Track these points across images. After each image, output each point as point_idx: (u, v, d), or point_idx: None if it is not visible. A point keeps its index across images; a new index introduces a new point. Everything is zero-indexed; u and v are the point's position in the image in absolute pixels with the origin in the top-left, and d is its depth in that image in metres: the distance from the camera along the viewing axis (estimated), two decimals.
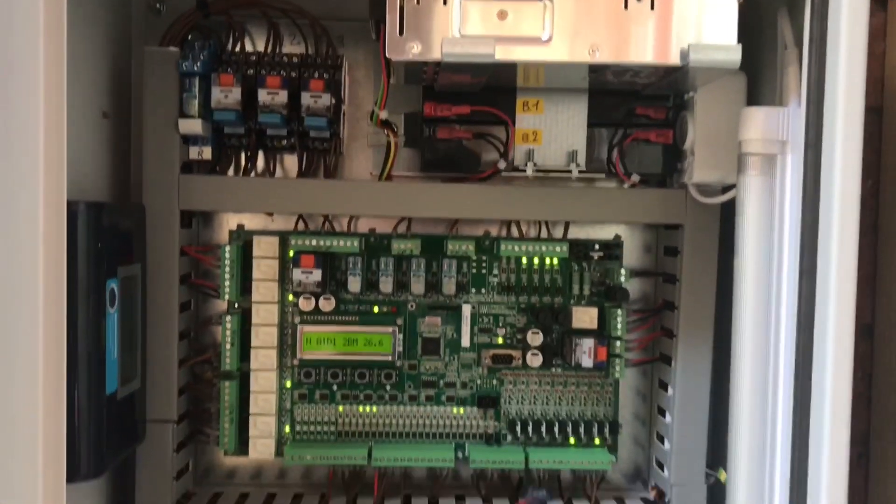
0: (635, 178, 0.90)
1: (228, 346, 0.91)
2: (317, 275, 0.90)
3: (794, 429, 0.73)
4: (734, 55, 0.72)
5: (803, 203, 0.70)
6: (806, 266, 0.70)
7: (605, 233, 0.98)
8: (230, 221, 0.97)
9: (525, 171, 0.89)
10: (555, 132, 0.90)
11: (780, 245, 0.76)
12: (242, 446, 0.93)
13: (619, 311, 0.92)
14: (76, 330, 0.71)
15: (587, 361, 0.92)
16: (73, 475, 0.71)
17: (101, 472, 0.76)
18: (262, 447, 0.93)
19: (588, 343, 0.92)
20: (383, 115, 0.87)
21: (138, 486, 0.88)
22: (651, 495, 0.97)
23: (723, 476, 0.90)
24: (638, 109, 0.90)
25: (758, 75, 0.85)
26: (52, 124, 0.64)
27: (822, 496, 0.71)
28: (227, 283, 0.90)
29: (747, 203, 0.77)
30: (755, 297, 0.77)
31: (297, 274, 0.90)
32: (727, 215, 0.87)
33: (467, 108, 0.88)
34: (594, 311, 0.94)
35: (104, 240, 0.74)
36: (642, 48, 0.73)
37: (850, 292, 0.70)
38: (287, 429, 0.95)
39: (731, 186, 0.83)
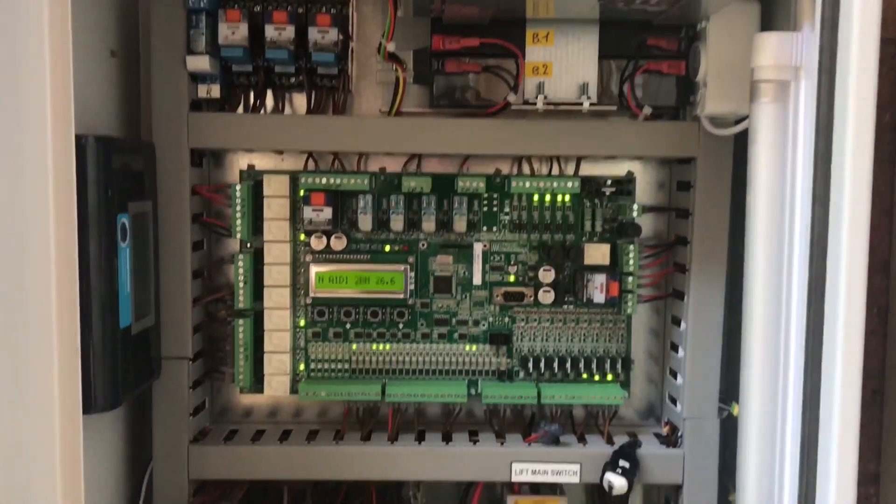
0: (647, 110, 0.89)
1: (241, 285, 0.92)
2: (327, 213, 0.90)
3: (807, 362, 0.73)
4: None
5: (817, 129, 0.69)
6: (819, 193, 0.70)
7: (618, 169, 0.97)
8: (240, 162, 0.97)
9: (535, 104, 0.88)
10: (565, 65, 0.89)
11: (794, 172, 0.75)
12: (258, 384, 0.94)
13: (632, 247, 0.92)
14: (88, 263, 0.71)
15: (599, 297, 0.92)
16: (88, 407, 0.72)
17: (117, 404, 0.77)
18: (277, 384, 0.94)
19: (600, 279, 0.91)
20: (391, 47, 0.86)
21: (155, 421, 0.89)
22: (664, 431, 0.98)
23: (735, 410, 0.90)
24: (650, 40, 0.89)
25: (771, 2, 0.83)
26: (57, 57, 0.64)
27: (835, 430, 0.71)
28: (238, 222, 0.90)
29: (760, 130, 0.76)
30: (768, 225, 0.76)
31: (307, 212, 0.90)
32: (740, 148, 0.86)
33: (476, 41, 0.87)
34: (606, 248, 0.93)
35: (114, 174, 0.74)
36: None
37: (863, 219, 0.69)
38: (301, 367, 0.96)
39: (745, 118, 0.82)
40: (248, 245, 0.94)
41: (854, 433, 0.71)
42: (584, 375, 0.96)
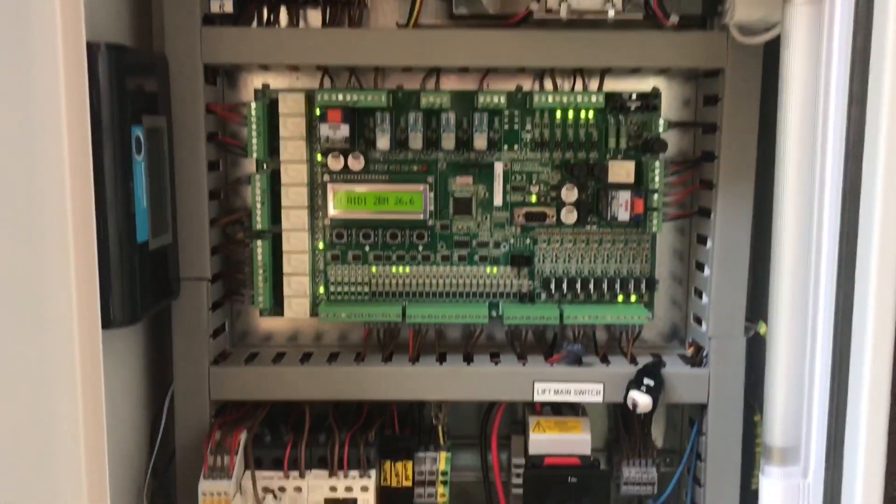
0: (674, 18, 0.86)
1: (259, 206, 0.90)
2: (344, 130, 0.88)
3: (839, 276, 0.71)
4: None
5: (854, 24, 0.66)
6: (856, 92, 0.67)
7: (643, 86, 0.95)
8: (255, 81, 0.95)
9: (559, 13, 0.84)
10: None
11: (828, 76, 0.71)
12: (277, 307, 0.94)
13: (657, 163, 0.89)
14: (103, 174, 0.70)
15: (623, 215, 0.90)
16: (107, 322, 0.72)
17: (135, 319, 0.77)
18: (296, 306, 0.93)
19: (625, 196, 0.89)
20: None
21: (175, 342, 0.89)
22: (688, 352, 0.96)
23: (763, 329, 0.88)
24: None
25: None
26: None
27: (867, 348, 0.69)
28: (254, 140, 0.89)
29: (794, 33, 0.73)
30: (800, 130, 0.73)
31: (324, 129, 0.88)
32: (770, 58, 0.83)
33: None
34: (631, 165, 0.91)
35: (127, 84, 0.72)
36: None
37: None
38: (321, 289, 0.95)
39: (775, 25, 0.79)
40: (265, 166, 0.92)
41: (888, 346, 0.69)
42: (607, 297, 0.95)
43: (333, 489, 0.86)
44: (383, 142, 0.90)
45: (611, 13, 0.85)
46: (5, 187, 0.60)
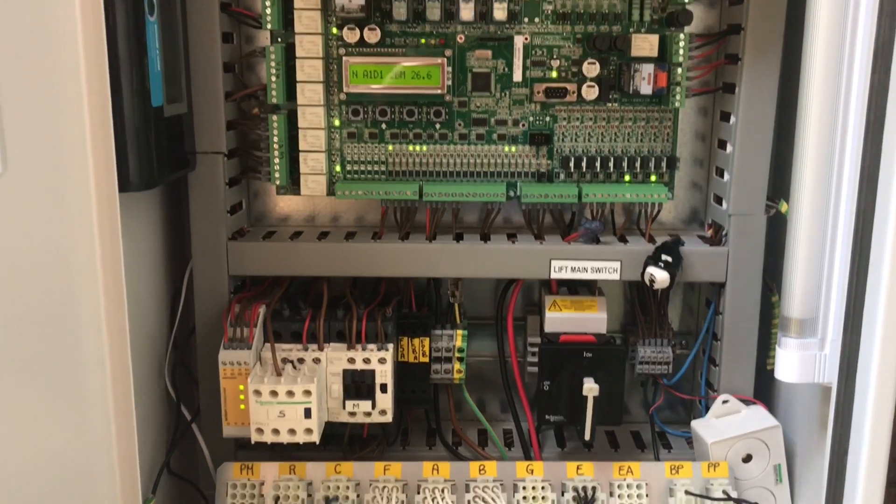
0: None
1: (274, 79, 0.89)
2: None
3: (864, 155, 0.69)
4: None
5: None
6: None
7: None
8: None
9: None
10: None
11: None
12: (294, 185, 0.93)
13: (682, 36, 0.87)
14: (116, 33, 0.69)
15: (646, 88, 0.87)
16: (124, 184, 0.71)
17: (152, 184, 0.76)
18: (313, 184, 0.92)
19: (648, 69, 0.87)
20: None
21: (192, 215, 0.89)
22: (708, 233, 0.96)
23: (784, 208, 0.87)
24: None
25: None
26: None
27: (891, 222, 0.68)
28: (268, 10, 0.87)
29: None
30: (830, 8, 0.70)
31: None
32: None
33: None
34: (654, 38, 0.89)
35: None
36: None
37: None
38: (338, 168, 0.94)
39: None
40: (279, 39, 0.90)
41: None
42: (627, 176, 0.93)
43: (352, 361, 0.87)
44: (400, 12, 0.87)
45: None
46: (19, 45, 0.59)
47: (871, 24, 0.68)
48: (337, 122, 0.93)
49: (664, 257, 0.87)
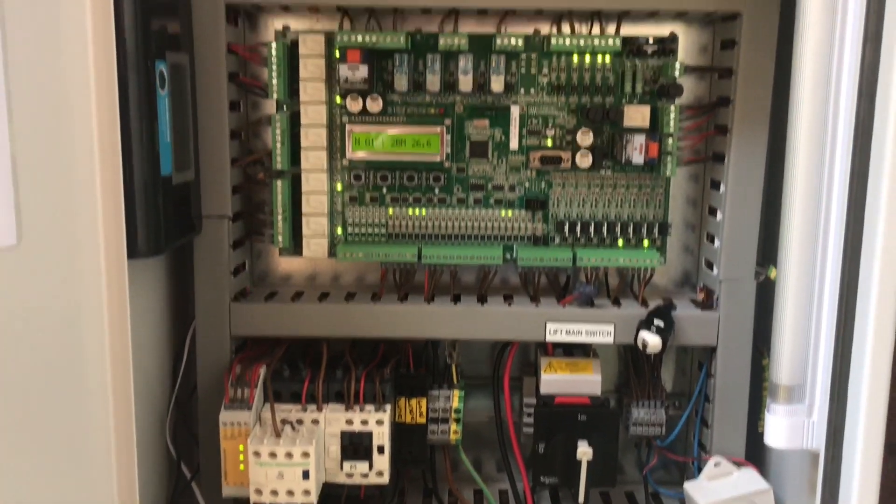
0: None
1: (279, 146, 0.92)
2: (363, 70, 0.89)
3: (848, 221, 0.72)
4: None
5: None
6: (871, 31, 0.67)
7: (660, 31, 0.95)
8: (275, 22, 0.96)
9: None
10: None
11: (844, 14, 0.72)
12: (296, 247, 0.95)
13: (673, 108, 0.90)
14: (128, 106, 0.72)
15: (638, 158, 0.90)
16: (132, 251, 0.74)
17: (160, 251, 0.79)
18: (315, 246, 0.95)
19: (640, 139, 0.90)
20: None
21: (197, 278, 0.92)
22: (699, 297, 0.98)
23: (773, 273, 0.89)
24: None
25: None
26: None
27: (874, 286, 0.71)
28: (274, 80, 0.90)
29: None
30: (815, 71, 0.74)
31: (343, 70, 0.89)
32: (787, 3, 0.83)
33: None
34: (646, 110, 0.92)
35: (151, 19, 0.74)
36: None
37: None
38: (339, 230, 0.97)
39: None
40: (285, 107, 0.94)
41: (893, 287, 0.71)
42: (621, 241, 0.96)
43: (349, 422, 0.89)
44: (401, 83, 0.91)
45: None
46: (35, 118, 0.61)
47: (852, 103, 0.71)
48: (339, 187, 0.96)
49: (656, 322, 0.89)
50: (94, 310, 0.67)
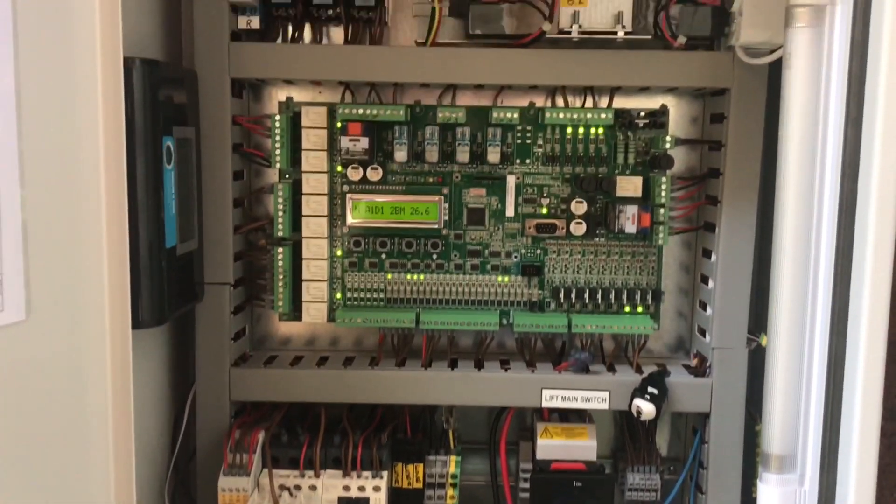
0: (682, 40, 0.89)
1: (280, 214, 0.94)
2: (364, 143, 0.92)
3: (835, 289, 0.74)
4: None
5: (851, 52, 0.70)
6: (852, 114, 0.70)
7: (651, 103, 0.98)
8: (278, 95, 0.99)
9: (570, 33, 0.88)
10: None
11: (827, 96, 0.74)
12: (296, 312, 0.97)
13: (664, 179, 0.92)
14: (136, 182, 0.74)
15: (630, 228, 0.93)
16: (136, 322, 0.76)
17: (163, 321, 0.80)
18: (314, 311, 0.97)
19: (632, 210, 0.93)
20: None
21: (198, 344, 0.93)
22: (693, 363, 0.99)
23: (765, 341, 0.91)
24: None
25: None
26: None
27: (860, 362, 0.72)
28: (277, 151, 0.93)
29: (795, 55, 0.76)
30: (801, 149, 0.76)
31: (344, 142, 0.92)
32: (774, 79, 0.86)
33: None
34: (638, 180, 0.94)
35: (159, 96, 0.76)
36: None
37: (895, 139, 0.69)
38: (338, 295, 0.99)
39: (779, 48, 0.82)
40: (287, 176, 0.96)
41: (880, 361, 0.72)
42: (615, 307, 0.98)
43: (347, 489, 0.90)
44: (401, 154, 0.94)
45: (620, 34, 0.89)
46: (45, 192, 0.63)
47: (836, 182, 0.73)
48: (339, 252, 0.98)
49: (650, 389, 0.91)
50: (97, 382, 0.69)
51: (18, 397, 0.63)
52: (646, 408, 0.90)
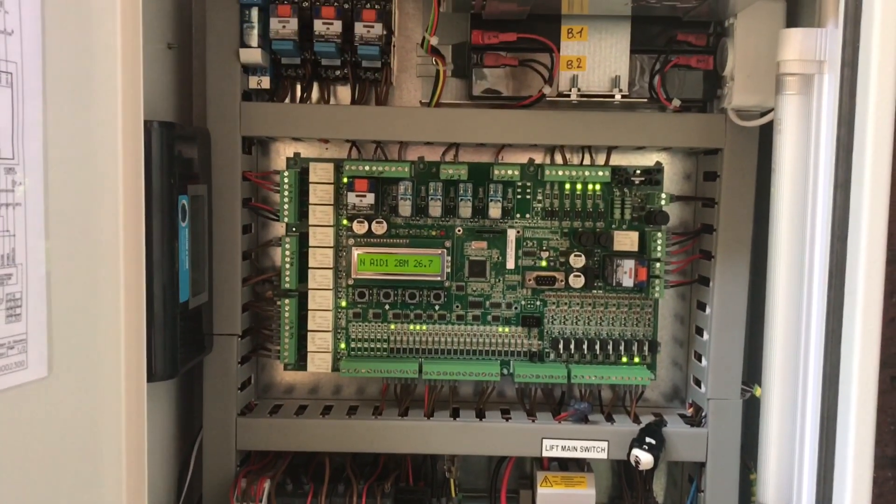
0: (676, 102, 0.93)
1: (288, 266, 0.97)
2: (370, 198, 0.95)
3: (826, 346, 0.77)
4: None
5: (839, 120, 0.73)
6: (840, 181, 0.73)
7: (647, 160, 1.02)
8: (287, 150, 1.02)
9: (569, 96, 0.92)
10: (598, 58, 0.93)
11: (816, 161, 0.78)
12: (301, 362, 0.99)
13: (659, 234, 0.96)
14: (152, 240, 0.77)
15: (628, 281, 0.96)
16: (150, 375, 0.77)
17: (175, 374, 0.82)
18: (319, 361, 0.99)
19: (629, 264, 0.96)
20: (434, 40, 0.91)
21: (206, 394, 0.95)
22: (688, 412, 1.02)
23: (758, 392, 0.94)
24: (679, 36, 0.93)
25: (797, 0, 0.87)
26: (128, 49, 0.69)
27: (852, 413, 0.75)
28: (286, 206, 0.96)
29: (785, 121, 0.80)
30: (791, 211, 0.80)
31: (351, 198, 0.95)
32: (765, 140, 0.90)
33: (514, 36, 0.91)
34: (635, 235, 0.98)
35: (176, 158, 0.79)
36: None
37: (882, 207, 0.72)
38: (343, 345, 1.01)
39: (770, 110, 0.86)
40: (294, 229, 0.99)
41: (871, 415, 0.75)
42: (612, 358, 1.00)
43: None
44: (405, 209, 0.97)
45: (617, 96, 0.93)
46: (67, 250, 0.65)
47: (826, 243, 0.76)
48: (343, 303, 1.01)
49: (648, 440, 0.93)
50: (112, 435, 0.70)
51: (38, 451, 0.65)
52: (644, 458, 0.92)
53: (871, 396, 0.75)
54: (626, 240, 0.98)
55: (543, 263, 1.00)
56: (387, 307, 1.01)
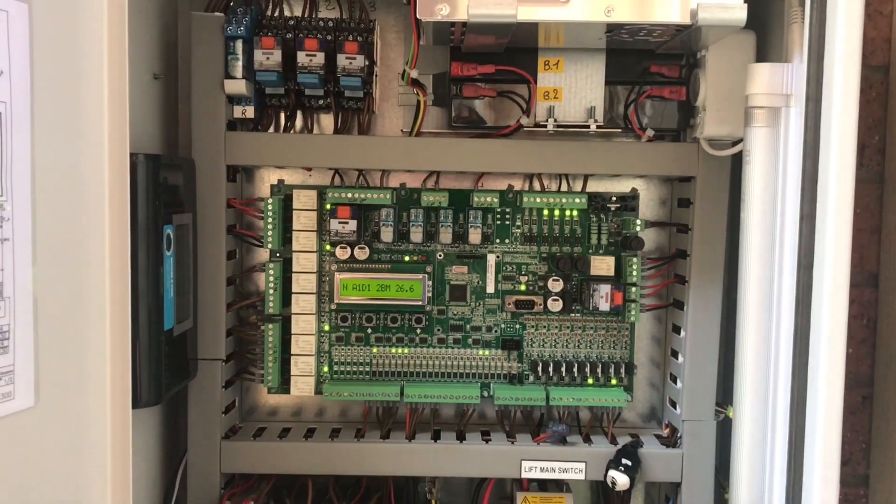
0: (650, 132, 0.96)
1: (271, 292, 0.98)
2: (352, 225, 0.97)
3: (794, 368, 0.79)
4: (740, 14, 0.77)
5: (804, 152, 0.76)
6: (806, 211, 0.76)
7: (622, 187, 1.04)
8: (271, 177, 1.04)
9: (546, 126, 0.94)
10: (574, 90, 0.96)
11: (784, 191, 0.81)
12: (284, 385, 1.01)
13: (635, 259, 0.98)
14: (138, 270, 0.78)
15: (604, 305, 0.98)
16: (135, 402, 0.79)
17: (160, 400, 0.84)
18: (302, 385, 1.01)
19: (605, 288, 0.98)
20: (414, 73, 0.93)
21: (190, 418, 0.96)
22: (664, 432, 1.04)
23: (731, 413, 0.96)
24: (653, 68, 0.95)
25: (767, 33, 0.90)
26: (114, 81, 0.71)
27: (819, 432, 0.77)
28: (269, 232, 0.97)
29: (753, 152, 0.83)
30: (760, 239, 0.82)
31: (334, 224, 0.97)
32: (737, 168, 0.93)
33: (492, 68, 0.94)
34: (611, 260, 1.00)
35: (161, 188, 0.81)
36: (654, 8, 0.78)
37: (846, 235, 0.75)
38: (325, 368, 1.03)
39: (741, 140, 0.89)
40: (278, 255, 1.01)
41: (836, 435, 0.77)
42: (590, 380, 1.02)
43: None
44: (387, 235, 0.99)
45: (593, 126, 0.95)
46: (54, 282, 0.67)
47: (793, 270, 0.79)
48: (326, 327, 1.02)
49: (624, 461, 0.95)
50: (98, 462, 0.71)
51: (24, 480, 0.66)
52: (620, 479, 0.94)
53: (837, 415, 0.77)
54: (602, 265, 1.00)
55: (522, 287, 1.03)
56: (369, 331, 1.03)
